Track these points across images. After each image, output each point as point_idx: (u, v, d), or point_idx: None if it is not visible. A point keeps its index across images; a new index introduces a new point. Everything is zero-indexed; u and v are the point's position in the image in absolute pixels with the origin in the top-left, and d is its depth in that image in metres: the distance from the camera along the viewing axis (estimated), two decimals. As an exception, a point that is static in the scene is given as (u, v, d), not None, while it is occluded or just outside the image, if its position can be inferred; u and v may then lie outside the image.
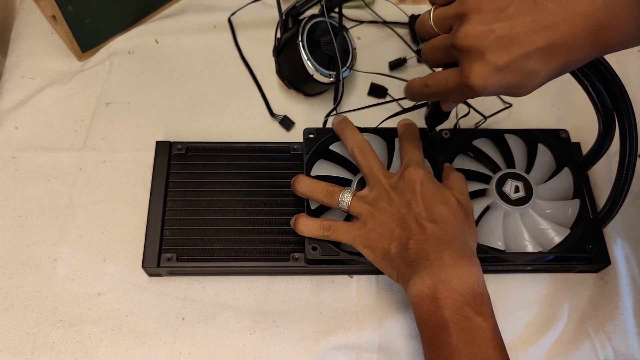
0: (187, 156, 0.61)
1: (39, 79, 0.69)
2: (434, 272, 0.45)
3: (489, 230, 0.55)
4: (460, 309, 0.44)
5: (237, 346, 0.55)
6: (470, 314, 0.44)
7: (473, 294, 0.45)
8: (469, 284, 0.45)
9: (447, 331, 0.44)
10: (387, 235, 0.49)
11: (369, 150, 0.54)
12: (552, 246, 0.55)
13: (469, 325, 0.43)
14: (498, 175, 0.57)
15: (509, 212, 0.56)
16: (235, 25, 0.73)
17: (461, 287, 0.44)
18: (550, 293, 0.58)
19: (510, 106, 0.68)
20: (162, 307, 0.56)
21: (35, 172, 0.63)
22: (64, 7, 0.62)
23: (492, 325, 0.44)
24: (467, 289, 0.44)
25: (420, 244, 0.47)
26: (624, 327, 0.56)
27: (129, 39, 0.71)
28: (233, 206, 0.59)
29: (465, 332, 0.43)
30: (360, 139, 0.55)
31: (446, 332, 0.44)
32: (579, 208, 0.56)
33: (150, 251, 0.56)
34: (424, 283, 0.45)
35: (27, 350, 0.54)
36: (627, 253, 0.59)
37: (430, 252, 0.46)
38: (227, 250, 0.57)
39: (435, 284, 0.45)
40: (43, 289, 0.57)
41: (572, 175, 0.58)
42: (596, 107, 0.50)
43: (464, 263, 0.46)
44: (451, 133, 0.60)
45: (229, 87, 0.69)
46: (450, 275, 0.45)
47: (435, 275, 0.45)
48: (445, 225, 0.47)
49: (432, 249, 0.46)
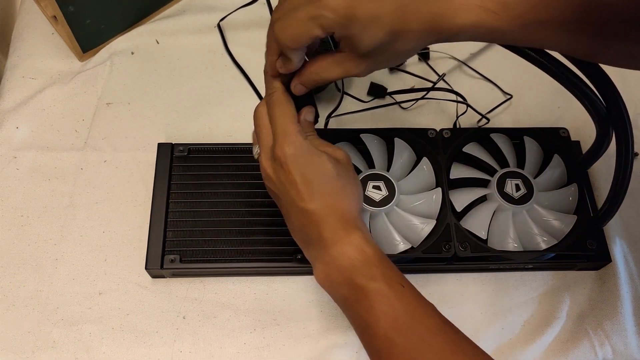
0: (189, 158, 0.61)
1: (40, 79, 0.69)
2: (320, 257, 0.45)
3: (501, 234, 0.56)
4: (353, 284, 0.44)
5: (237, 345, 0.55)
6: (362, 283, 0.43)
7: (360, 264, 0.44)
8: (352, 256, 0.44)
9: (353, 307, 0.44)
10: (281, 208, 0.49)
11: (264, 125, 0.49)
12: (562, 236, 0.55)
13: (366, 295, 0.43)
14: (496, 178, 0.58)
15: (516, 211, 0.57)
16: (233, 27, 0.73)
17: (346, 262, 0.44)
18: (549, 292, 0.58)
19: (510, 97, 0.69)
20: (162, 306, 0.56)
21: (37, 171, 0.63)
22: (64, 8, 0.62)
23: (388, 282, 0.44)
24: (352, 262, 0.44)
25: (302, 226, 0.46)
26: (623, 325, 0.56)
27: (130, 40, 0.72)
28: (236, 207, 0.59)
29: (365, 301, 0.43)
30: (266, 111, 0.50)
31: (352, 309, 0.45)
32: (578, 193, 0.57)
33: (154, 253, 0.56)
34: (317, 271, 0.46)
35: (28, 349, 0.54)
36: (625, 252, 0.59)
37: (312, 235, 0.46)
38: (231, 251, 0.57)
39: (325, 269, 0.45)
40: (44, 288, 0.57)
41: (563, 161, 0.60)
42: (590, 112, 0.50)
43: (342, 235, 0.45)
44: (451, 132, 0.60)
45: (230, 87, 0.70)
46: (333, 255, 0.44)
47: (323, 260, 0.45)
48: (323, 203, 0.46)
49: (313, 230, 0.45)
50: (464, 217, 0.57)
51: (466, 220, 0.57)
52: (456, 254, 0.54)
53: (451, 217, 0.56)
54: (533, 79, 0.70)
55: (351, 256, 0.44)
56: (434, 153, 0.59)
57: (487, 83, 0.70)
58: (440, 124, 0.62)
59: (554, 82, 0.50)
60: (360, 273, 0.44)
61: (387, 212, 0.56)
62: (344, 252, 0.44)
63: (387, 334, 0.42)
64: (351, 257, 0.44)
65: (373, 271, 0.44)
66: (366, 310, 0.43)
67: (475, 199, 0.58)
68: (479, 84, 0.70)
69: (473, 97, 0.66)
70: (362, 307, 0.43)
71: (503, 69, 0.70)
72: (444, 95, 0.66)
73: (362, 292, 0.43)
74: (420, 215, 0.56)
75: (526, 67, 0.48)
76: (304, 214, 0.46)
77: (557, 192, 0.58)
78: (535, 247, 0.55)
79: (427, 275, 0.58)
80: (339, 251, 0.44)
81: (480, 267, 0.58)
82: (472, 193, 0.58)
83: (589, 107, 0.50)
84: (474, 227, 0.56)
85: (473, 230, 0.56)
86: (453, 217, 0.56)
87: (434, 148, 0.59)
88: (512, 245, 0.55)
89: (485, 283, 0.58)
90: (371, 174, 0.57)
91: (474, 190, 0.58)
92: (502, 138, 0.61)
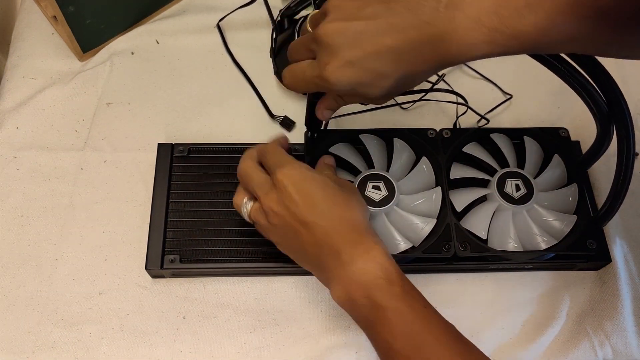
0: (189, 158, 0.61)
1: (40, 79, 0.69)
2: (339, 276, 0.44)
3: (502, 234, 0.56)
4: (374, 302, 0.43)
5: (237, 345, 0.55)
6: (384, 303, 0.42)
7: (383, 282, 0.43)
8: (374, 273, 0.43)
9: (374, 327, 0.43)
10: (289, 246, 0.48)
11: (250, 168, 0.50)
12: (562, 236, 0.55)
13: (386, 315, 0.42)
14: (496, 178, 0.58)
15: (517, 211, 0.57)
16: (232, 27, 0.73)
17: (368, 280, 0.43)
18: (549, 292, 0.58)
19: (510, 97, 0.69)
20: (162, 306, 0.56)
21: (37, 172, 0.63)
22: (64, 8, 0.62)
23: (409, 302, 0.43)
24: (374, 279, 0.43)
25: (314, 247, 0.45)
26: (623, 325, 0.56)
27: (130, 40, 0.72)
28: (235, 207, 0.59)
29: (386, 321, 0.42)
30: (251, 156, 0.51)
31: (373, 329, 0.44)
32: (578, 193, 0.58)
33: (154, 253, 0.56)
34: (336, 291, 0.45)
35: (28, 350, 0.54)
36: (625, 252, 0.59)
37: (328, 253, 0.44)
38: (230, 251, 0.57)
39: (345, 288, 0.44)
40: (44, 288, 0.57)
41: (563, 161, 0.59)
42: (592, 110, 0.50)
43: (362, 251, 0.44)
44: (451, 132, 0.60)
45: (230, 87, 0.70)
46: (354, 273, 0.43)
47: (342, 279, 0.44)
48: (332, 215, 0.45)
49: (327, 249, 0.45)
50: (464, 217, 0.57)
51: (466, 220, 0.57)
52: (456, 253, 0.54)
53: (451, 217, 0.56)
54: (533, 79, 0.70)
55: (373, 273, 0.43)
56: (434, 153, 0.59)
57: (487, 83, 0.70)
58: (440, 124, 0.62)
59: (554, 82, 0.50)
60: (382, 292, 0.43)
61: (387, 212, 0.56)
62: (365, 269, 0.43)
63: (409, 355, 0.41)
64: (374, 275, 0.43)
65: (396, 290, 0.43)
66: (388, 331, 0.42)
67: (475, 199, 0.58)
68: (479, 84, 0.70)
69: (473, 97, 0.66)
70: (384, 328, 0.42)
71: (503, 69, 0.70)
72: (444, 96, 0.66)
73: (384, 311, 0.42)
74: (421, 214, 0.56)
75: (526, 67, 0.48)
76: (313, 231, 0.45)
77: (557, 192, 0.58)
78: (535, 247, 0.55)
79: (427, 275, 0.58)
80: (360, 268, 0.43)
81: (480, 267, 0.58)
82: (472, 193, 0.58)
83: (590, 104, 0.49)
84: (474, 227, 0.56)
85: (473, 230, 0.56)
86: (453, 217, 0.56)
87: (434, 148, 0.59)
88: (512, 245, 0.55)
89: (485, 283, 0.58)
90: (371, 174, 0.57)
91: (474, 191, 0.58)
92: (502, 138, 0.61)
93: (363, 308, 0.43)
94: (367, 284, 0.43)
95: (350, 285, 0.43)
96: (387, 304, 0.42)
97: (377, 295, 0.43)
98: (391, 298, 0.43)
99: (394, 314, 0.42)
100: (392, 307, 0.42)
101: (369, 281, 0.43)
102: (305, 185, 0.46)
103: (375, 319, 0.43)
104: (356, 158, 0.59)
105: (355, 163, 0.58)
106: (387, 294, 0.43)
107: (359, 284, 0.43)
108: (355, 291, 0.43)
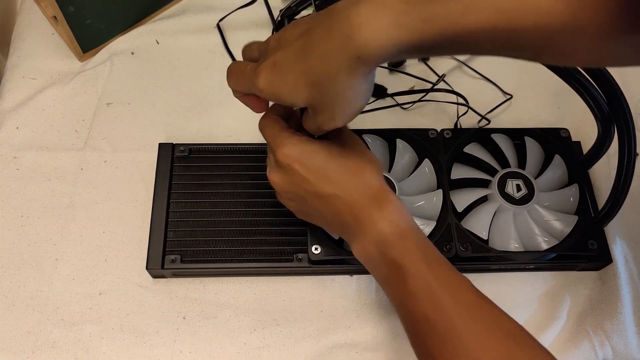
0: (189, 158, 0.61)
1: (40, 79, 0.69)
2: (358, 236, 0.45)
3: (502, 235, 0.56)
4: (390, 260, 0.44)
5: (237, 345, 0.55)
6: (398, 259, 0.43)
7: (396, 239, 0.44)
8: (388, 231, 0.44)
9: (391, 284, 0.45)
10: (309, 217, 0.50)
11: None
12: (563, 237, 0.55)
13: (402, 271, 0.43)
14: (497, 178, 0.58)
15: (517, 211, 0.56)
16: (232, 27, 0.73)
17: (382, 238, 0.44)
18: (549, 292, 0.58)
19: (511, 97, 0.69)
20: (162, 307, 0.56)
21: (37, 172, 0.63)
22: (64, 8, 0.62)
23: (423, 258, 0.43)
24: (387, 237, 0.44)
25: (334, 215, 0.46)
26: (623, 326, 0.56)
27: (130, 40, 0.72)
28: (236, 207, 0.59)
29: (401, 278, 0.43)
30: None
31: (390, 285, 0.45)
32: (579, 193, 0.58)
33: (154, 253, 0.56)
34: (357, 250, 0.46)
35: (28, 350, 0.54)
36: (626, 253, 0.59)
37: (348, 219, 0.46)
38: (231, 251, 0.57)
39: (363, 247, 0.45)
40: (44, 289, 0.57)
41: (564, 162, 0.60)
42: (593, 111, 0.50)
43: (376, 210, 0.45)
44: (452, 132, 0.60)
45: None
46: (369, 232, 0.44)
47: (360, 239, 0.45)
48: (345, 184, 0.45)
49: (346, 214, 0.45)
50: (464, 218, 0.57)
51: (467, 220, 0.57)
52: (457, 254, 0.54)
53: (452, 218, 0.56)
54: (533, 79, 0.70)
55: (387, 232, 0.44)
56: (435, 153, 0.59)
57: (487, 83, 0.70)
58: (441, 124, 0.62)
59: (554, 82, 0.50)
60: (395, 249, 0.43)
61: None
62: (379, 228, 0.44)
63: (424, 311, 0.42)
64: (386, 233, 0.44)
65: (408, 246, 0.44)
66: (403, 286, 0.43)
67: (476, 200, 0.58)
68: (479, 84, 0.70)
69: (473, 97, 0.66)
70: (400, 283, 0.43)
71: (503, 69, 0.70)
72: (444, 96, 0.66)
73: (399, 268, 0.43)
74: (422, 216, 0.56)
75: (526, 67, 0.49)
76: (331, 203, 0.45)
77: (558, 192, 0.58)
78: (536, 247, 0.55)
79: (427, 276, 0.58)
80: (375, 227, 0.44)
81: (481, 268, 0.58)
82: (473, 193, 0.58)
83: (591, 104, 0.50)
84: (475, 227, 0.56)
85: (474, 231, 0.56)
86: (454, 217, 0.56)
87: (435, 148, 0.59)
88: (513, 246, 0.55)
89: (486, 283, 0.58)
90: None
91: (475, 191, 0.58)
92: (503, 138, 0.61)
93: (380, 265, 0.45)
94: (381, 242, 0.44)
95: (367, 244, 0.45)
96: (401, 260, 0.43)
97: (391, 252, 0.43)
98: (405, 254, 0.43)
99: (408, 270, 0.43)
100: (407, 263, 0.43)
101: (383, 239, 0.44)
102: (310, 160, 0.45)
103: (392, 274, 0.44)
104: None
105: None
106: (401, 250, 0.43)
107: (374, 242, 0.44)
108: (372, 249, 0.44)
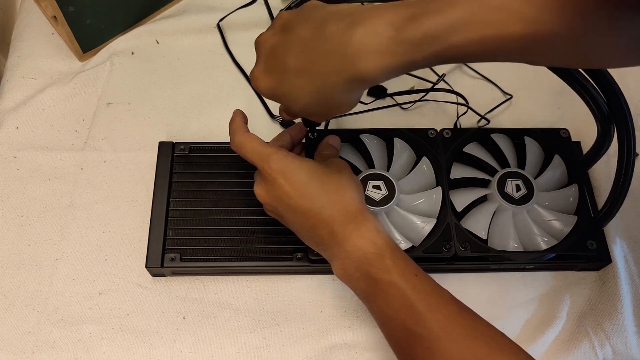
0: (189, 156, 0.61)
1: (40, 79, 0.69)
2: (336, 254, 0.47)
3: (502, 234, 0.56)
4: (369, 277, 0.45)
5: (237, 345, 0.55)
6: (377, 276, 0.45)
7: (373, 256, 0.45)
8: (366, 249, 0.45)
9: (372, 300, 0.46)
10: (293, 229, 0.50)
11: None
12: (563, 237, 0.55)
13: (381, 288, 0.45)
14: (497, 178, 0.58)
15: (517, 211, 0.56)
16: (232, 27, 0.73)
17: (360, 256, 0.45)
18: (549, 292, 0.58)
19: (510, 97, 0.69)
20: (162, 306, 0.56)
21: (37, 172, 0.63)
22: (64, 8, 0.62)
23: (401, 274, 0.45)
24: (365, 255, 0.45)
25: (312, 230, 0.47)
26: (623, 326, 0.56)
27: (130, 40, 0.72)
28: (236, 206, 0.59)
29: (381, 294, 0.45)
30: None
31: (371, 302, 0.46)
32: (579, 193, 0.58)
33: (154, 251, 0.56)
34: (336, 268, 0.47)
35: (28, 350, 0.54)
36: (626, 253, 0.59)
37: (324, 235, 0.47)
38: (231, 250, 0.57)
39: (342, 265, 0.46)
40: (44, 288, 0.57)
41: (563, 162, 0.60)
42: (593, 111, 0.50)
43: (353, 229, 0.46)
44: (452, 132, 0.60)
45: (230, 87, 0.70)
46: (347, 250, 0.46)
47: (339, 257, 0.46)
48: (324, 202, 0.47)
49: (324, 231, 0.47)
50: (464, 217, 0.57)
51: (466, 220, 0.57)
52: (456, 254, 0.54)
53: (451, 217, 0.56)
54: (533, 79, 0.70)
55: (364, 249, 0.45)
56: (435, 153, 0.59)
57: (487, 83, 0.70)
58: (441, 124, 0.62)
59: (554, 82, 0.50)
60: (374, 266, 0.45)
61: (388, 211, 0.56)
62: (357, 246, 0.46)
63: (406, 325, 0.43)
64: (364, 251, 0.45)
65: (386, 263, 0.45)
66: (384, 302, 0.45)
67: (475, 199, 0.58)
68: (479, 84, 0.70)
69: (473, 97, 0.66)
70: (380, 300, 0.45)
71: (503, 69, 0.70)
72: (444, 96, 0.66)
73: (378, 285, 0.45)
74: (421, 214, 0.56)
75: (526, 68, 0.48)
76: (309, 218, 0.47)
77: (557, 192, 0.58)
78: (536, 247, 0.55)
79: (427, 276, 0.58)
80: (353, 245, 0.46)
81: (480, 267, 0.58)
82: (473, 193, 0.58)
83: (591, 104, 0.50)
84: (474, 227, 0.56)
85: (473, 230, 0.56)
86: (453, 217, 0.56)
87: (435, 148, 0.59)
88: (512, 246, 0.55)
89: (486, 283, 0.58)
90: (371, 174, 0.57)
91: (475, 190, 0.58)
92: (502, 138, 0.61)
93: (359, 282, 0.46)
94: (360, 260, 0.45)
95: (346, 262, 0.46)
96: (380, 277, 0.45)
97: (369, 269, 0.45)
98: (383, 271, 0.45)
99: (387, 286, 0.44)
100: (385, 279, 0.44)
101: (361, 257, 0.45)
102: (294, 176, 0.47)
103: (371, 291, 0.45)
104: (357, 158, 0.59)
105: (355, 163, 0.58)
106: (379, 267, 0.45)
107: (353, 260, 0.46)
108: (351, 267, 0.46)
